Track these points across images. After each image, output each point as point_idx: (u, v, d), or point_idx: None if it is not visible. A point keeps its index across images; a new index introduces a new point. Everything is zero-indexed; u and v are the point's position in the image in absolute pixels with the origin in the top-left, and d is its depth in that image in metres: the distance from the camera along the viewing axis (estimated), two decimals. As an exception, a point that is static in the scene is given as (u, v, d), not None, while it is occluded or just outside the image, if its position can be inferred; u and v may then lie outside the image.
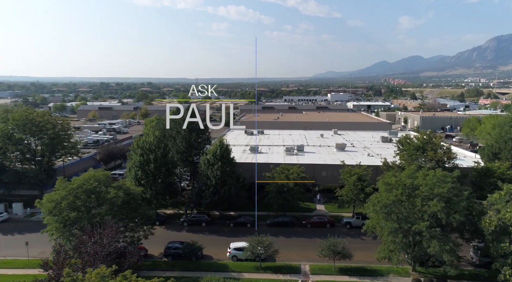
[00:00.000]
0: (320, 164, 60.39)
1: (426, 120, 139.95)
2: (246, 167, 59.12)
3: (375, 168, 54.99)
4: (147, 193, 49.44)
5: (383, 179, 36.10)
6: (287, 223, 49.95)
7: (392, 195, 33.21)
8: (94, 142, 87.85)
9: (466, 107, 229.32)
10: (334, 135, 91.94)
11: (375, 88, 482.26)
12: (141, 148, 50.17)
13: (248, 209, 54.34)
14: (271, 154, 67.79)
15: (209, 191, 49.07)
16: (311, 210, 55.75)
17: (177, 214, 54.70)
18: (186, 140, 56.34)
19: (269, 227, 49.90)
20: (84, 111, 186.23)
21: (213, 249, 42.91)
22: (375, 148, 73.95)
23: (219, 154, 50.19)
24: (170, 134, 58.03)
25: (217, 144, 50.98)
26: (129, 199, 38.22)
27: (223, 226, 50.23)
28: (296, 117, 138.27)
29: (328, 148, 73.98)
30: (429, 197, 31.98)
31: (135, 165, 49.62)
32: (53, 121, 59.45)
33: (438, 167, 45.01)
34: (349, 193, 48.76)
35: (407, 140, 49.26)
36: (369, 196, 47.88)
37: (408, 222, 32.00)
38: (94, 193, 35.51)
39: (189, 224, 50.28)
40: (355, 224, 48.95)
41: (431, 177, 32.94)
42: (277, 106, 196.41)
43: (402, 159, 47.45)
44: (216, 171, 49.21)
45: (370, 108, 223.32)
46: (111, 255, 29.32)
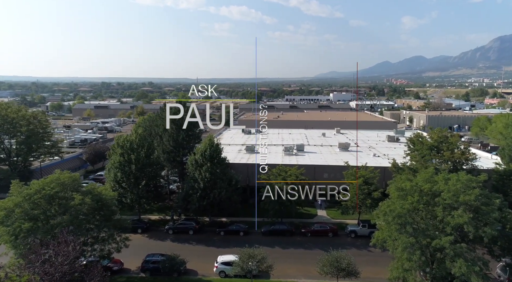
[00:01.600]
0: (321, 165, 55.00)
1: (432, 119, 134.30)
2: (240, 169, 53.97)
3: (382, 170, 49.60)
4: (128, 197, 44.22)
5: (396, 184, 30.65)
6: (285, 231, 44.59)
7: (407, 203, 27.79)
8: (82, 141, 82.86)
9: (472, 107, 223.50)
10: (336, 134, 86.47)
11: (378, 88, 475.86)
12: (121, 147, 44.92)
13: (242, 215, 49.06)
14: (269, 154, 62.34)
15: (197, 195, 43.77)
16: (311, 216, 50.36)
17: (163, 220, 49.44)
18: (173, 139, 51.04)
19: (264, 235, 44.62)
20: (79, 109, 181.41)
21: (199, 262, 37.66)
22: (381, 148, 68.52)
23: (208, 154, 44.89)
24: (157, 132, 52.74)
25: (206, 142, 45.64)
26: (100, 206, 33.00)
27: (212, 234, 44.94)
28: (297, 115, 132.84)
29: (330, 148, 68.58)
30: (452, 205, 26.55)
31: (114, 166, 44.43)
32: (28, 118, 54.25)
33: (455, 169, 39.72)
34: (354, 197, 43.40)
35: (419, 139, 43.79)
36: (376, 202, 42.70)
37: (427, 235, 26.58)
38: (56, 199, 30.32)
39: (174, 232, 44.99)
40: (361, 233, 43.56)
41: (454, 181, 27.48)
42: (278, 105, 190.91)
43: (414, 160, 41.95)
44: (204, 173, 43.91)
45: (373, 107, 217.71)
46: (66, 276, 24.08)
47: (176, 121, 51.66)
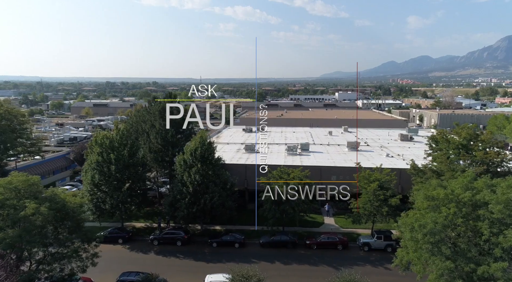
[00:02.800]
0: (328, 166, 48.93)
1: (444, 117, 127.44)
2: (238, 170, 48.19)
3: (398, 172, 43.48)
4: (107, 202, 38.50)
5: (425, 191, 24.54)
6: (287, 243, 38.59)
7: (441, 217, 21.75)
8: (71, 139, 77.35)
9: (483, 106, 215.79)
10: (344, 132, 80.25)
11: (384, 88, 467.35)
12: (99, 146, 39.20)
13: (240, 223, 43.26)
14: (270, 154, 56.43)
15: (185, 200, 37.92)
16: (317, 224, 44.31)
17: (150, 228, 43.67)
18: (161, 136, 45.22)
19: (263, 247, 38.68)
20: (78, 108, 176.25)
21: (185, 279, 31.95)
22: (394, 148, 62.30)
23: (199, 154, 39.02)
24: (144, 129, 46.96)
25: (197, 140, 39.76)
26: (63, 215, 27.30)
27: (204, 245, 39.10)
28: (302, 114, 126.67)
29: (338, 147, 62.46)
30: (503, 221, 20.50)
31: (92, 167, 38.74)
32: (1, 113, 48.72)
33: (487, 171, 33.51)
34: (367, 204, 37.34)
35: (444, 137, 37.59)
36: (393, 210, 36.71)
37: (469, 259, 20.55)
38: (5, 208, 24.66)
39: (160, 243, 39.19)
40: (376, 246, 37.47)
41: (504, 189, 21.37)
42: (282, 104, 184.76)
43: (439, 161, 35.76)
44: (194, 175, 38.06)
45: (380, 106, 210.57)
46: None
47: (165, 117, 45.93)
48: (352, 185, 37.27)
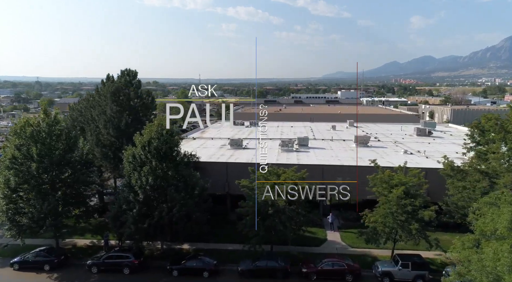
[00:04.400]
0: (332, 165, 38.01)
1: (458, 113, 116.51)
2: (218, 170, 37.77)
3: (424, 173, 32.64)
4: (27, 214, 27.82)
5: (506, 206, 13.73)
6: (275, 270, 27.74)
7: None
8: None
9: (493, 103, 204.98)
10: (350, 127, 69.38)
11: (387, 87, 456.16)
12: (18, 136, 28.56)
13: (217, 239, 32.69)
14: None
15: (133, 212, 27.17)
16: (318, 242, 33.42)
17: (96, 247, 32.95)
18: (113, 125, 34.45)
19: (243, 277, 27.89)
20: (63, 104, 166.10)
21: None
22: (411, 143, 51.52)
23: (154, 147, 28.25)
24: (93, 117, 36.18)
25: (152, 128, 28.91)
26: None
27: (162, 273, 28.38)
28: (302, 109, 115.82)
29: (344, 143, 51.73)
30: None
31: (5, 165, 28.06)
32: None
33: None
34: (388, 218, 26.51)
35: (497, 124, 26.67)
36: (423, 225, 26.02)
37: None
38: None
39: (101, 270, 28.48)
40: (401, 276, 26.56)
41: None
42: (282, 100, 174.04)
43: (493, 158, 24.81)
44: (146, 177, 27.34)
45: (384, 104, 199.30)
46: None
47: (119, 101, 35.28)
48: (352, 185, 26.74)
